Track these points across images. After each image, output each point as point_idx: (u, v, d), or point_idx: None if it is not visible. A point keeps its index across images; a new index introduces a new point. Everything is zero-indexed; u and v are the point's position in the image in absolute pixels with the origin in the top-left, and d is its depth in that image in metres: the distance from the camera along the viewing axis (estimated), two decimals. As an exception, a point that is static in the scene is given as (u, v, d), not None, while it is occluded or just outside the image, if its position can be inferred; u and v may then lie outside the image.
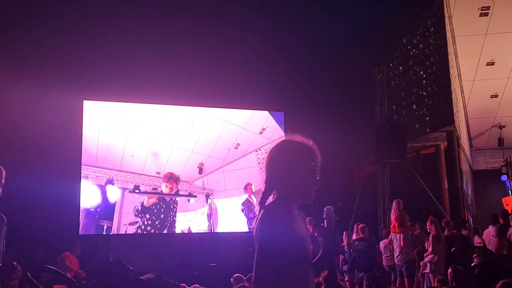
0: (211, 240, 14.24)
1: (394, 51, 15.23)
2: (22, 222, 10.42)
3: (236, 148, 15.23)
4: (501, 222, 9.10)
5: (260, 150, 15.42)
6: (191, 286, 2.61)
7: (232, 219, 14.52)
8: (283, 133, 15.38)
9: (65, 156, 11.89)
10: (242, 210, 14.67)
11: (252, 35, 14.61)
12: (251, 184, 14.94)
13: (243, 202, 14.93)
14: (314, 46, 15.59)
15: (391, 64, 15.32)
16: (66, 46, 12.81)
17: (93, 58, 12.95)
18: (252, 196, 14.80)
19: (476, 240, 10.74)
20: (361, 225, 9.94)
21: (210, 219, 14.22)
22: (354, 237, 10.03)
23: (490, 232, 9.37)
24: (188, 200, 14.05)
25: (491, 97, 15.42)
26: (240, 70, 14.78)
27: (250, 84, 14.59)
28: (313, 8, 13.71)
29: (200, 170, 14.63)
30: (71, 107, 12.37)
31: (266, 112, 15.52)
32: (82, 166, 12.74)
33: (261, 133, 15.39)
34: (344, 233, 10.73)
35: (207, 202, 14.35)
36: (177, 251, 13.37)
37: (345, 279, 9.57)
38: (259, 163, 15.31)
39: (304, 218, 2.36)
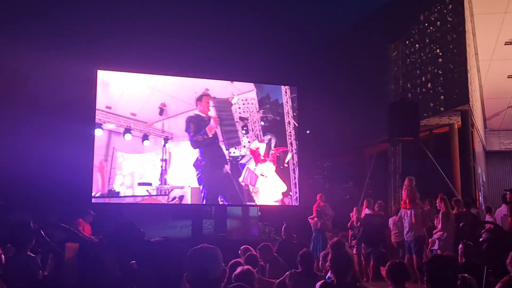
0: (222, 212, 14.36)
1: (411, 28, 15.03)
2: (36, 188, 10.63)
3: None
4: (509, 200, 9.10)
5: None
6: (199, 245, 2.66)
7: (186, 168, 13.51)
8: (254, 88, 14.59)
9: (78, 122, 12.01)
10: (186, 130, 13.50)
11: (268, 10, 14.51)
12: (210, 98, 13.84)
13: (189, 117, 13.60)
14: (330, 21, 15.43)
15: (407, 41, 15.14)
16: (81, 16, 12.82)
17: (108, 28, 12.95)
18: (209, 113, 13.76)
19: (488, 219, 10.73)
20: (379, 201, 10.16)
21: (165, 164, 13.39)
22: (368, 211, 10.13)
23: (502, 211, 9.38)
24: (142, 142, 13.21)
25: (508, 77, 15.17)
26: (253, 44, 14.72)
27: (264, 58, 14.55)
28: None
29: (161, 111, 13.43)
30: (85, 76, 12.41)
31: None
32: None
33: (232, 82, 14.35)
34: (355, 208, 10.81)
35: (164, 146, 13.43)
36: (187, 222, 13.55)
37: (353, 253, 9.65)
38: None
39: None
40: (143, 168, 13.27)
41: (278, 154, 14.53)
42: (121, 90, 13.21)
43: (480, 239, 5.58)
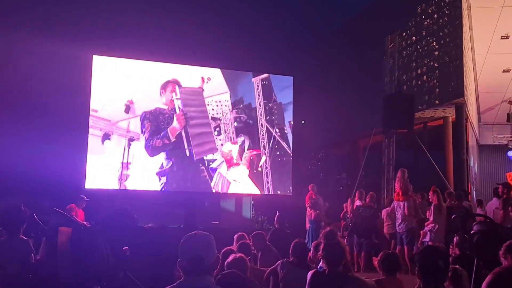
0: (214, 200, 14.36)
1: (408, 20, 15.02)
2: (29, 175, 10.58)
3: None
4: (505, 196, 9.11)
5: (203, 101, 13.65)
6: (192, 232, 2.68)
7: (152, 174, 12.57)
8: (227, 89, 13.77)
9: (72, 110, 11.91)
10: (142, 130, 12.44)
11: (266, 2, 14.44)
12: (176, 86, 12.77)
13: (144, 113, 12.34)
14: (328, 12, 15.38)
15: (404, 34, 15.14)
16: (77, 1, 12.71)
17: (104, 13, 12.83)
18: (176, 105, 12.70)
19: (479, 212, 10.80)
20: (371, 192, 10.19)
21: (127, 168, 12.18)
22: (358, 203, 10.16)
23: (493, 204, 9.40)
24: (102, 142, 12.02)
25: (503, 72, 15.22)
26: (251, 33, 14.65)
27: (260, 47, 14.47)
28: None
29: (127, 109, 12.36)
30: (80, 61, 12.28)
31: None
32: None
33: (207, 82, 13.53)
34: (349, 200, 10.85)
35: (128, 147, 12.16)
36: (180, 211, 13.54)
37: (344, 243, 9.69)
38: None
39: None
40: (98, 172, 12.26)
41: (251, 157, 13.82)
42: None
43: (471, 232, 5.60)
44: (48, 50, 11.41)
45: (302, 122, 16.05)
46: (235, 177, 13.48)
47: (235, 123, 13.89)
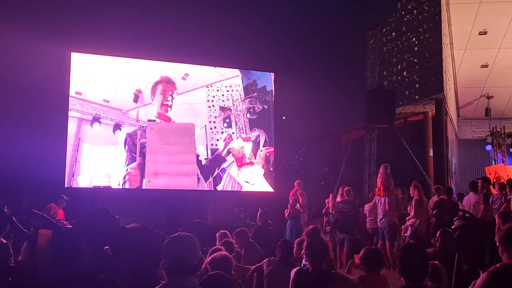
0: (197, 198, 14.27)
1: (388, 16, 15.10)
2: (7, 174, 10.40)
3: (183, 78, 12.85)
4: (484, 191, 9.22)
5: (211, 86, 13.10)
6: (176, 233, 2.65)
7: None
8: (239, 72, 13.48)
9: (52, 107, 11.73)
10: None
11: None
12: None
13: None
14: (308, 8, 15.37)
15: (384, 30, 15.22)
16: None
17: (83, 9, 12.65)
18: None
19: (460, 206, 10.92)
20: (346, 188, 10.13)
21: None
22: (338, 199, 10.16)
23: (470, 198, 9.50)
24: (114, 132, 11.93)
25: (481, 67, 15.40)
26: (232, 29, 14.57)
27: (241, 44, 14.40)
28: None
29: (136, 98, 12.28)
30: (59, 58, 12.09)
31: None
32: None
33: (214, 67, 13.33)
34: (331, 195, 10.84)
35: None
36: (163, 208, 13.43)
37: (327, 239, 9.70)
38: (208, 100, 12.97)
39: None
40: (110, 164, 12.13)
41: (267, 154, 13.12)
42: (92, 74, 12.27)
43: (453, 227, 5.66)
44: (26, 46, 11.22)
45: (284, 118, 16.04)
46: (247, 178, 12.73)
47: (248, 115, 13.34)
